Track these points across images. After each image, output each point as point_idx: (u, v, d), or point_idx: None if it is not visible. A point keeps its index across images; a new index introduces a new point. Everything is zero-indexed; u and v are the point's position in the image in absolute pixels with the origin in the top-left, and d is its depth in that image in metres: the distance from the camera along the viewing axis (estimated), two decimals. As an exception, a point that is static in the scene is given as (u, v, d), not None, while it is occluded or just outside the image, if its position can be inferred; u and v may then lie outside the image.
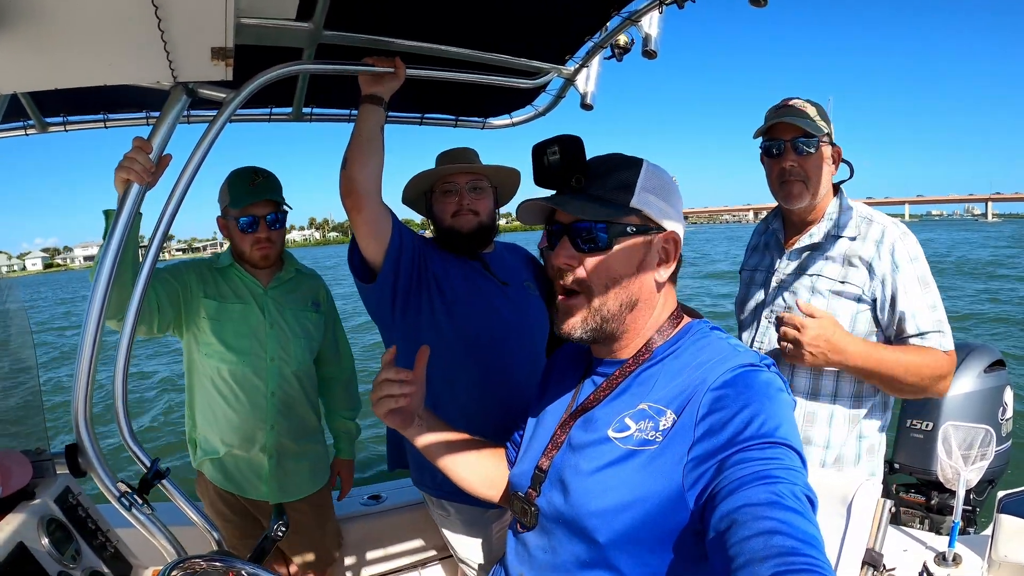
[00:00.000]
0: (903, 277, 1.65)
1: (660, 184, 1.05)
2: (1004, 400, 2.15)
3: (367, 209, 1.68)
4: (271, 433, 2.03)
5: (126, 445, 1.39)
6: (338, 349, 2.26)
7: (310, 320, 2.12)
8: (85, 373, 1.32)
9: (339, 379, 2.28)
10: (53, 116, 1.86)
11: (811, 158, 1.74)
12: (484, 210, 1.90)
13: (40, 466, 1.30)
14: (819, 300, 1.73)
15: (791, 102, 1.78)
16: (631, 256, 1.02)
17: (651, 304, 1.06)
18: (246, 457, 2.04)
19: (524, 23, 1.81)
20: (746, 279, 2.01)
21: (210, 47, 1.19)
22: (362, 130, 1.67)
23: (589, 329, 1.04)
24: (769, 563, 0.70)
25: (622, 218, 1.01)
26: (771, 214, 1.99)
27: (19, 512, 1.16)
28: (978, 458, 1.68)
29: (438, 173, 1.90)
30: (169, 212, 1.41)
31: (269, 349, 2.01)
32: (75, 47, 1.10)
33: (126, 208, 1.34)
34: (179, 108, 1.40)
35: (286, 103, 2.05)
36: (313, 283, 2.18)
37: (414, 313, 1.81)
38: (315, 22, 1.51)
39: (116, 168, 1.35)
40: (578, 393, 1.13)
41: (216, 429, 2.02)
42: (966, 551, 1.65)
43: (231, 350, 1.97)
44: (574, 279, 1.03)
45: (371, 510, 2.36)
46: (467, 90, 2.09)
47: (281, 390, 2.03)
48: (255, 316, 2.01)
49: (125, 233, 1.35)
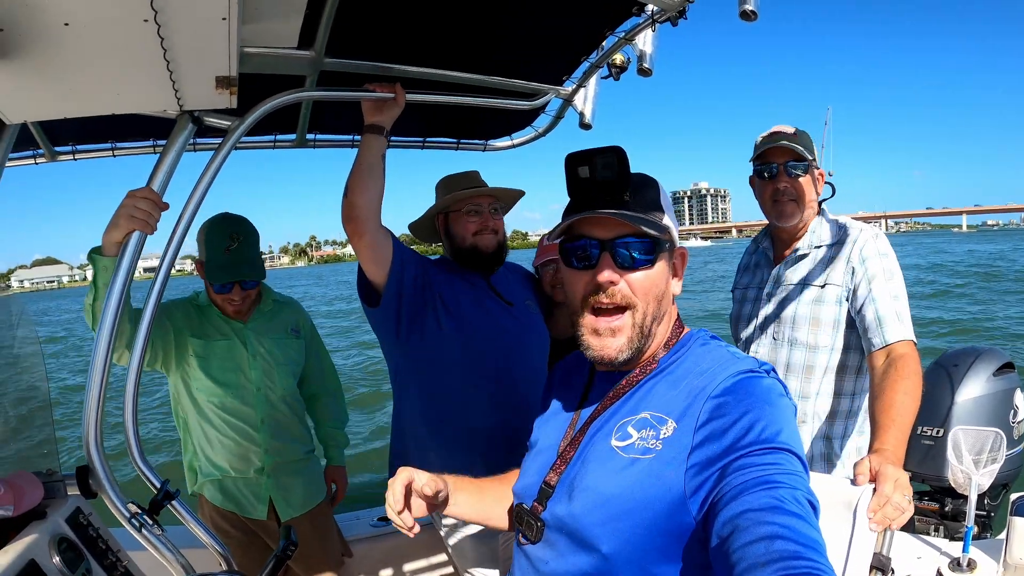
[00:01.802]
0: (871, 268, 1.75)
1: (669, 203, 1.11)
2: (1015, 403, 2.12)
3: (368, 234, 1.73)
4: (266, 456, 2.10)
5: (136, 466, 1.41)
6: (322, 367, 2.35)
7: (291, 347, 2.20)
8: (96, 395, 1.35)
9: (325, 395, 2.36)
10: (63, 145, 1.92)
11: (801, 179, 1.86)
12: (501, 230, 1.98)
13: (51, 487, 1.31)
14: (804, 309, 1.84)
15: (782, 128, 1.90)
16: (666, 272, 1.05)
17: (670, 317, 1.09)
18: (244, 479, 2.10)
19: (521, 45, 1.86)
20: (739, 297, 2.10)
21: (215, 76, 1.24)
22: (363, 159, 1.72)
23: (634, 349, 1.03)
24: (771, 568, 0.70)
25: (663, 234, 1.02)
26: (760, 234, 2.10)
27: (30, 531, 1.17)
28: (989, 462, 1.66)
29: (467, 195, 1.94)
30: (177, 237, 1.45)
31: (254, 380, 2.09)
32: (83, 77, 1.15)
33: (128, 254, 1.38)
34: (185, 136, 1.45)
35: (290, 130, 2.10)
36: (291, 311, 2.27)
37: (419, 333, 1.84)
38: (316, 50, 1.56)
39: (122, 213, 1.38)
40: (583, 406, 1.13)
41: (213, 454, 2.08)
42: (981, 556, 1.63)
43: (219, 384, 2.04)
44: (622, 297, 1.01)
45: (380, 532, 2.35)
46: (468, 113, 2.14)
47: (270, 416, 2.11)
48: (238, 350, 2.08)
49: (129, 276, 1.39)
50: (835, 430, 1.85)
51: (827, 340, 1.82)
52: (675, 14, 1.69)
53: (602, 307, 1.02)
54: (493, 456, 1.89)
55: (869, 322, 1.70)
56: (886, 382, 1.58)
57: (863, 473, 1.27)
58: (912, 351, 1.63)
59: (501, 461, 1.89)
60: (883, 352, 1.65)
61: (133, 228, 1.38)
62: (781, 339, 1.89)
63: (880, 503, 1.20)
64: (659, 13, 1.69)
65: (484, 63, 1.89)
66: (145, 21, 0.98)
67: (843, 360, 1.83)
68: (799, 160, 1.84)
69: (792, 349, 1.86)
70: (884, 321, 1.67)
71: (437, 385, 1.88)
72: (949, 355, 2.24)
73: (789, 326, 1.87)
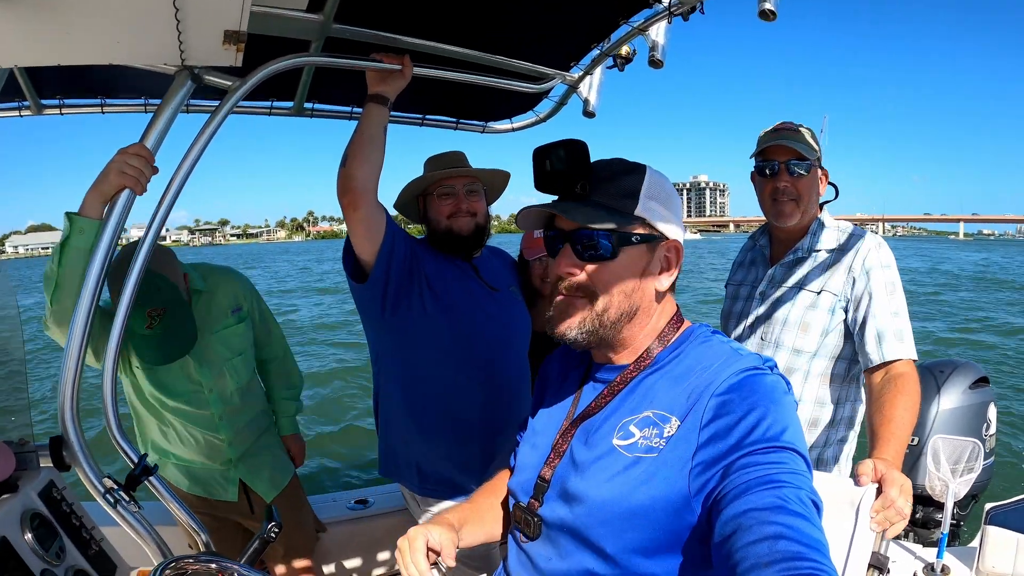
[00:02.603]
0: (873, 282, 1.73)
1: (662, 191, 1.04)
2: (988, 416, 2.19)
3: (363, 207, 1.67)
4: (230, 448, 2.03)
5: (112, 439, 1.34)
6: (268, 332, 2.22)
7: (235, 333, 2.05)
8: (73, 364, 1.27)
9: (273, 359, 2.26)
10: (50, 98, 1.81)
11: (803, 179, 1.82)
12: (479, 211, 1.92)
13: (23, 458, 1.24)
14: (796, 313, 1.83)
15: (785, 125, 1.87)
16: (635, 265, 1.01)
17: (649, 312, 1.05)
18: (212, 467, 2.04)
19: (532, 27, 1.82)
20: (731, 293, 2.08)
21: (223, 30, 1.17)
22: (365, 129, 1.66)
23: (585, 332, 1.01)
24: (774, 567, 0.70)
25: (627, 226, 0.99)
26: (758, 231, 2.07)
27: (1, 506, 1.10)
28: (966, 471, 1.70)
29: (438, 176, 1.91)
30: (167, 203, 1.37)
31: (205, 383, 1.97)
32: (83, 22, 1.07)
33: (116, 214, 1.30)
34: (183, 94, 1.37)
35: (288, 97, 2.02)
36: (226, 288, 2.06)
37: (404, 311, 1.80)
38: (326, 14, 1.49)
39: (113, 170, 1.29)
40: (579, 399, 1.11)
41: (175, 449, 2.01)
42: (954, 562, 1.68)
43: (171, 395, 1.94)
44: (577, 286, 1.01)
45: (358, 514, 2.32)
46: (469, 93, 2.09)
47: (227, 411, 2.02)
48: (183, 359, 1.91)
49: (115, 237, 1.31)
50: (817, 439, 1.84)
51: (812, 346, 1.80)
52: (690, 8, 1.68)
53: (564, 293, 1.03)
54: (476, 444, 1.88)
55: (869, 339, 1.68)
56: (885, 397, 1.58)
57: (866, 474, 1.27)
58: (911, 370, 1.63)
59: (486, 449, 1.89)
60: (882, 370, 1.64)
61: (123, 185, 1.29)
62: (768, 340, 1.88)
63: (884, 505, 1.21)
64: (676, 5, 1.67)
65: (492, 42, 1.84)
66: (159, -35, 0.91)
67: (828, 368, 1.81)
68: (801, 159, 1.80)
69: (776, 351, 1.85)
70: (884, 338, 1.66)
71: (420, 368, 1.85)
72: (928, 366, 2.30)
73: (779, 328, 1.86)
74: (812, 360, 1.81)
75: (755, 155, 1.90)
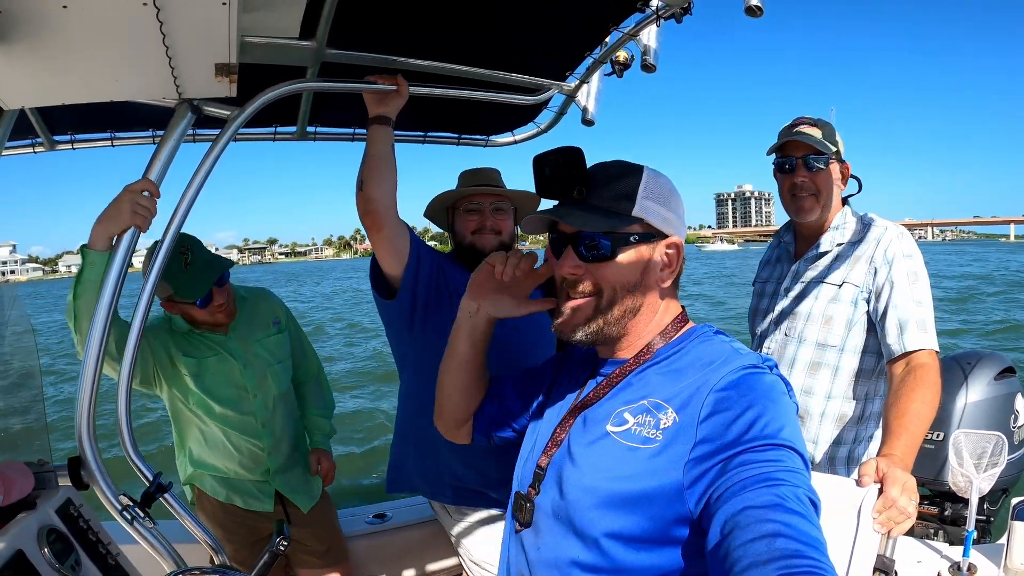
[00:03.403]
0: (895, 271, 1.71)
1: (661, 191, 1.06)
2: (1016, 408, 2.11)
3: (386, 227, 1.72)
4: (270, 458, 2.09)
5: (128, 458, 1.39)
6: (304, 353, 2.31)
7: (277, 343, 2.16)
8: (89, 386, 1.33)
9: (308, 380, 2.33)
10: (61, 134, 1.90)
11: (821, 174, 1.82)
12: (505, 230, 1.95)
13: (42, 477, 1.30)
14: (818, 307, 1.81)
15: (802, 120, 1.87)
16: (634, 264, 1.03)
17: (653, 309, 1.07)
18: (250, 479, 2.09)
19: (524, 40, 1.85)
20: (758, 291, 2.09)
21: (214, 63, 1.22)
22: (374, 150, 1.70)
23: (590, 332, 1.04)
24: (772, 566, 0.70)
25: (624, 227, 1.02)
26: (783, 228, 2.07)
27: (19, 521, 1.16)
28: (990, 466, 1.64)
29: (464, 192, 1.94)
30: (173, 229, 1.42)
31: (250, 388, 2.06)
32: (81, 62, 1.13)
33: (123, 250, 1.36)
34: (184, 125, 1.43)
35: (290, 122, 2.08)
36: (266, 303, 2.21)
37: (433, 327, 1.82)
38: (318, 40, 1.54)
39: (124, 208, 1.35)
40: (581, 393, 1.14)
41: (216, 459, 2.07)
42: (981, 560, 1.61)
43: (218, 400, 2.01)
44: (583, 286, 1.04)
45: (377, 528, 2.34)
46: (470, 108, 2.12)
47: (270, 420, 2.09)
48: (228, 362, 2.03)
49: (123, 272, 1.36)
50: (845, 435, 1.81)
51: (837, 339, 1.78)
52: (679, 10, 1.68)
53: (569, 295, 1.06)
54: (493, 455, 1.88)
55: (890, 328, 1.66)
56: (903, 389, 1.55)
57: (868, 474, 1.24)
58: (933, 361, 1.59)
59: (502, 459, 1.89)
60: (903, 360, 1.61)
61: (135, 224, 1.36)
62: (792, 335, 1.86)
63: (886, 505, 1.18)
64: (664, 9, 1.68)
65: (486, 57, 1.87)
66: (144, 4, 0.97)
67: (856, 362, 1.79)
68: (819, 154, 1.80)
69: (800, 346, 1.84)
70: (906, 328, 1.63)
71: None
72: (951, 358, 2.23)
73: (802, 323, 1.84)
74: (840, 356, 1.79)
75: (773, 151, 1.90)
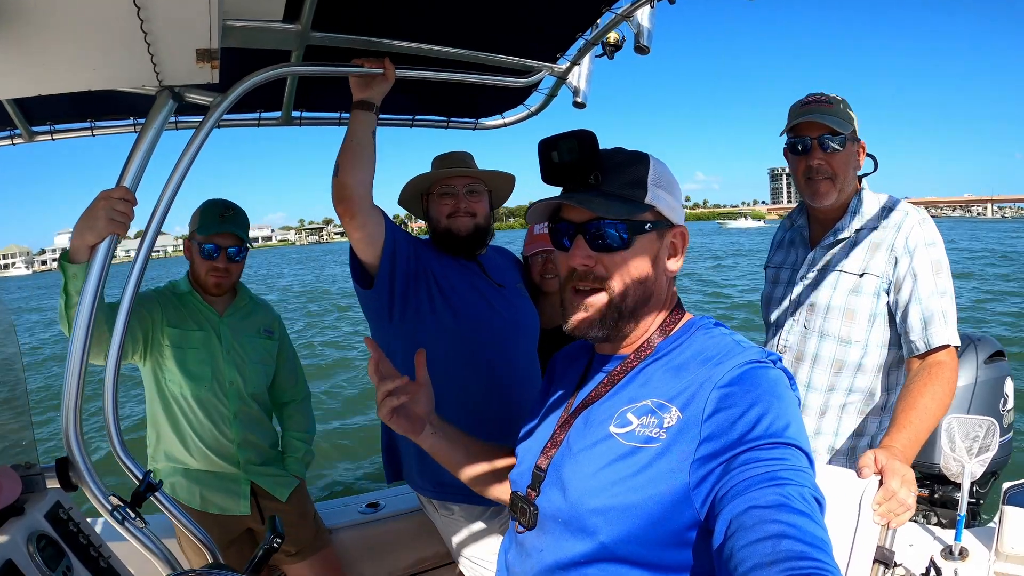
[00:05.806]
0: (917, 262, 1.64)
1: (666, 179, 1.04)
2: (1005, 391, 2.13)
3: (360, 215, 1.68)
4: (239, 451, 2.08)
5: (117, 458, 1.37)
6: (294, 374, 2.33)
7: (264, 347, 2.20)
8: (74, 386, 1.30)
9: (294, 403, 2.34)
10: (40, 125, 1.84)
11: (838, 155, 1.72)
12: (480, 212, 1.92)
13: (29, 481, 1.27)
14: (839, 299, 1.74)
15: (816, 97, 1.77)
16: (648, 253, 1.02)
17: (661, 299, 1.05)
18: (220, 475, 2.07)
19: (515, 21, 1.80)
20: (771, 276, 2.00)
21: (195, 49, 1.17)
22: (353, 136, 1.66)
23: (607, 327, 1.02)
24: (777, 567, 0.69)
25: (639, 215, 1.00)
26: (796, 210, 1.98)
27: (7, 528, 1.13)
28: (982, 450, 1.66)
29: (436, 176, 1.91)
30: (156, 220, 1.39)
31: (227, 374, 2.07)
32: (58, 52, 1.08)
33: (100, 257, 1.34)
34: (165, 113, 1.38)
35: (275, 107, 2.02)
36: (266, 312, 2.27)
37: (413, 314, 1.81)
38: (302, 23, 1.48)
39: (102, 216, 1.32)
40: (579, 391, 1.11)
41: (185, 450, 2.05)
42: (973, 543, 1.64)
43: (192, 377, 2.02)
44: (595, 278, 1.01)
45: (369, 518, 2.34)
46: (458, 91, 2.07)
47: (242, 411, 2.10)
48: (213, 343, 2.07)
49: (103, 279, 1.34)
50: (868, 426, 1.76)
51: (861, 334, 1.71)
52: (672, -10, 1.64)
53: (578, 288, 1.03)
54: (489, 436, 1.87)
55: (912, 323, 1.61)
56: (915, 383, 1.52)
57: (867, 466, 1.24)
58: (951, 359, 1.56)
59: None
60: (921, 357, 1.58)
61: (113, 231, 1.33)
62: (812, 329, 1.78)
63: (885, 496, 1.18)
64: (657, -11, 1.64)
65: (475, 38, 1.82)
66: (120, -10, 0.91)
67: (879, 357, 1.73)
68: (835, 134, 1.69)
69: (822, 341, 1.76)
70: (930, 323, 1.58)
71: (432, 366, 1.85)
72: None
73: (822, 316, 1.76)
74: (864, 349, 1.72)
75: (786, 131, 1.80)
